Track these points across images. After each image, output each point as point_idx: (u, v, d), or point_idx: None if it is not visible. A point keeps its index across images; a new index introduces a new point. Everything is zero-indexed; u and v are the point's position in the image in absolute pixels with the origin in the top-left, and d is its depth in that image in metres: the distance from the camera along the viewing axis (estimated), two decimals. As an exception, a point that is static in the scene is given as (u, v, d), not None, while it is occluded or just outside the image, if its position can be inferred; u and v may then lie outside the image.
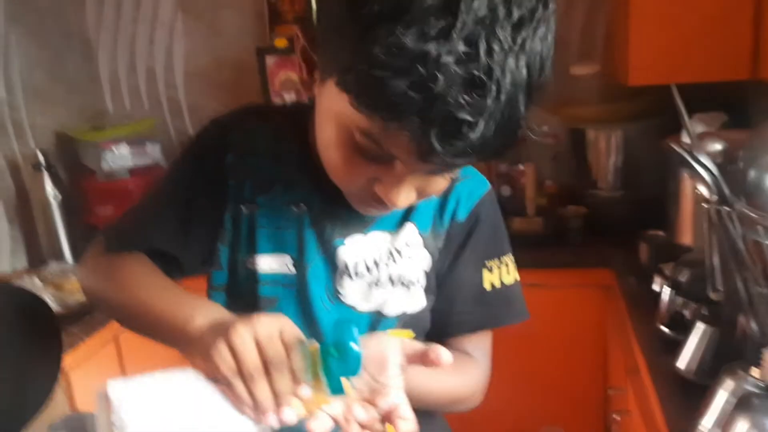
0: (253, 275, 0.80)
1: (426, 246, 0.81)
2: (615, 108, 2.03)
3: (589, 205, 2.05)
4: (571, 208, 2.05)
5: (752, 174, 0.97)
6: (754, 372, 0.94)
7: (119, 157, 2.19)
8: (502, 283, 0.85)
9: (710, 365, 1.11)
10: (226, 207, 0.80)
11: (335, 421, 0.64)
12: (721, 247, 1.03)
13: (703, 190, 1.03)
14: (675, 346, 1.20)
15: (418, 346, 0.66)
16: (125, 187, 2.23)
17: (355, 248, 0.79)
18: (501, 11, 0.54)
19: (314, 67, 0.68)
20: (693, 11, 1.66)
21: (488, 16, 0.54)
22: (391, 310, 0.80)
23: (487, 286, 0.84)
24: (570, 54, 2.23)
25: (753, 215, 0.95)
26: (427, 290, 0.82)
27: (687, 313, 1.29)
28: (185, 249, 0.81)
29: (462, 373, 0.84)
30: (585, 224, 2.01)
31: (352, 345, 0.60)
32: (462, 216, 0.82)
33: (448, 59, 0.53)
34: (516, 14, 0.55)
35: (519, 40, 0.55)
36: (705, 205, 1.03)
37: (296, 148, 0.79)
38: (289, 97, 2.23)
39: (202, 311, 0.68)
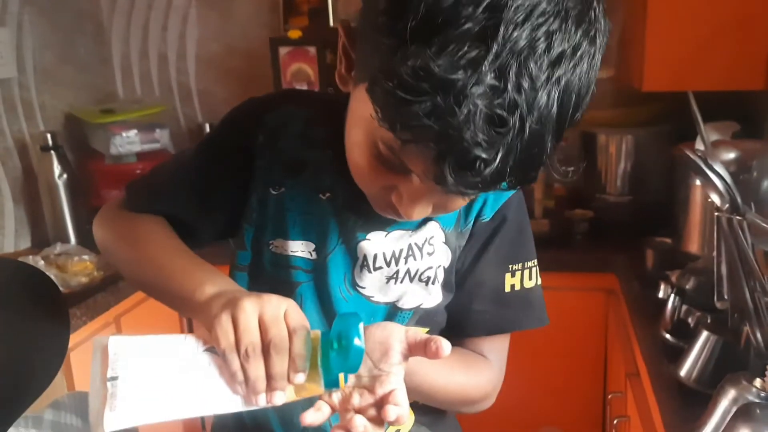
0: (277, 258, 0.79)
1: (447, 242, 0.80)
2: (627, 113, 2.03)
3: (597, 209, 2.04)
4: (578, 211, 2.05)
5: (765, 184, 0.97)
6: (758, 383, 0.94)
7: (128, 141, 2.19)
8: (522, 286, 0.83)
9: (712, 374, 1.11)
10: (251, 186, 0.80)
11: (332, 407, 0.64)
12: (730, 256, 1.03)
13: (715, 198, 1.03)
14: (677, 354, 1.20)
15: (421, 335, 0.65)
16: (132, 171, 2.23)
17: (376, 243, 0.79)
18: (541, 45, 0.52)
19: (353, 66, 0.67)
20: (710, 20, 1.66)
21: (525, 49, 0.52)
22: (408, 303, 0.80)
23: (507, 288, 0.83)
24: (583, 57, 2.22)
25: (764, 225, 0.94)
26: (444, 287, 0.81)
27: (691, 320, 1.28)
28: (200, 218, 0.81)
29: (474, 373, 0.83)
30: (591, 228, 2.01)
31: (356, 341, 0.60)
32: (488, 215, 0.81)
33: (475, 91, 0.51)
34: (557, 49, 0.53)
35: (554, 77, 0.53)
36: (716, 214, 1.03)
37: (328, 137, 0.77)
38: (301, 88, 2.23)
39: (213, 280, 0.68)
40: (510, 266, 0.83)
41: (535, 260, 0.85)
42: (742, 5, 1.63)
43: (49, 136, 2.04)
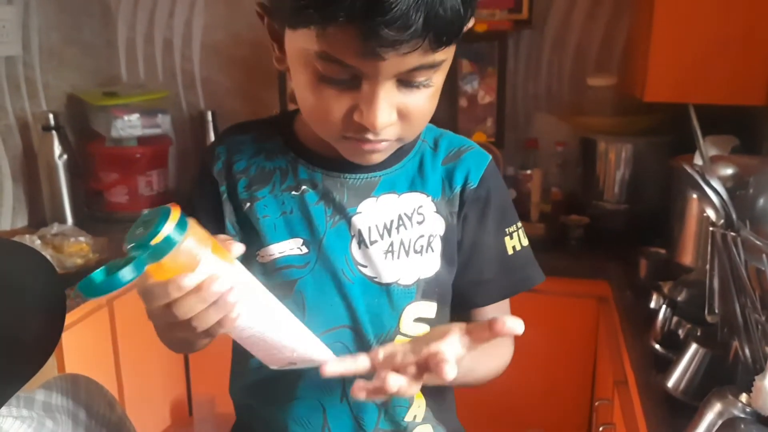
0: (265, 267, 0.81)
1: (438, 211, 0.83)
2: (627, 121, 2.04)
3: (592, 216, 2.05)
4: (574, 216, 2.06)
5: (761, 201, 0.98)
6: (743, 398, 0.95)
7: (129, 124, 2.19)
8: (521, 246, 0.88)
9: (699, 386, 1.12)
10: (224, 213, 0.83)
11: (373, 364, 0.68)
12: (723, 270, 1.04)
13: (711, 213, 1.04)
14: (665, 364, 1.21)
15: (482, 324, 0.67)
16: (132, 154, 2.24)
17: (368, 214, 0.80)
18: None
19: (282, 43, 0.72)
20: (714, 34, 1.66)
21: None
22: (407, 279, 0.81)
23: (510, 251, 0.87)
24: (587, 64, 2.23)
25: (758, 242, 0.95)
26: (444, 256, 0.83)
27: (681, 332, 1.30)
28: None
29: (501, 347, 0.88)
30: (586, 234, 2.02)
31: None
32: (474, 182, 0.84)
33: None
34: None
35: None
36: (711, 229, 1.04)
37: (283, 139, 0.84)
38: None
39: None
40: (506, 230, 0.87)
41: (520, 221, 0.90)
42: (746, 21, 1.64)
43: (51, 116, 2.04)
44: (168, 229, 0.56)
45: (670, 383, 1.16)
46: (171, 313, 0.60)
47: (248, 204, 0.82)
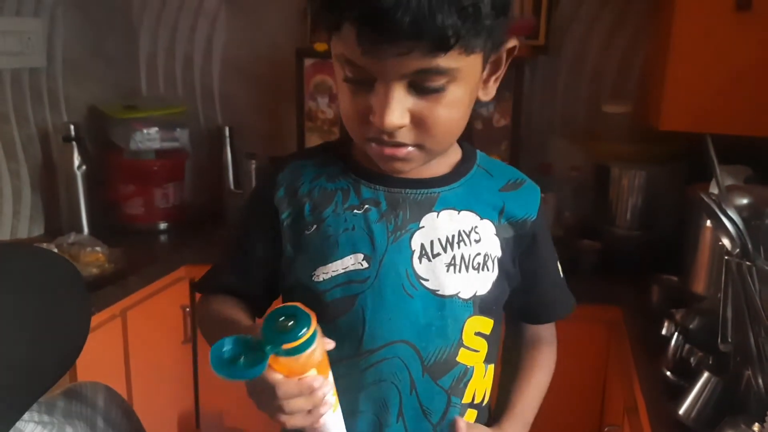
0: (322, 284, 0.83)
1: (497, 234, 0.86)
2: (642, 149, 2.05)
3: (605, 241, 2.06)
4: (587, 242, 2.06)
5: (776, 232, 0.98)
6: (756, 427, 0.95)
7: (148, 137, 2.22)
8: (562, 268, 0.99)
9: (711, 415, 1.12)
10: (283, 238, 0.87)
11: None
12: (737, 300, 1.05)
13: (726, 242, 1.04)
14: (677, 392, 1.21)
15: None
16: (150, 167, 2.26)
17: (430, 228, 0.83)
18: None
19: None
20: (730, 65, 1.68)
21: None
22: (466, 293, 0.83)
23: (561, 274, 0.97)
24: (603, 91, 2.25)
25: (773, 273, 0.96)
26: (500, 277, 0.87)
27: (693, 360, 1.29)
28: (249, 288, 0.92)
29: (547, 367, 1.01)
30: (598, 260, 2.02)
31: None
32: (533, 213, 0.89)
33: None
34: None
35: None
36: (726, 257, 1.04)
37: (343, 162, 0.87)
38: (322, 100, 2.26)
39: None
40: (555, 254, 0.97)
41: None
42: (762, 52, 1.65)
43: (72, 127, 2.07)
44: (305, 334, 0.66)
45: (682, 411, 1.16)
46: (276, 404, 0.68)
47: (314, 226, 0.84)
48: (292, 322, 0.66)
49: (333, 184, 0.85)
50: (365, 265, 0.81)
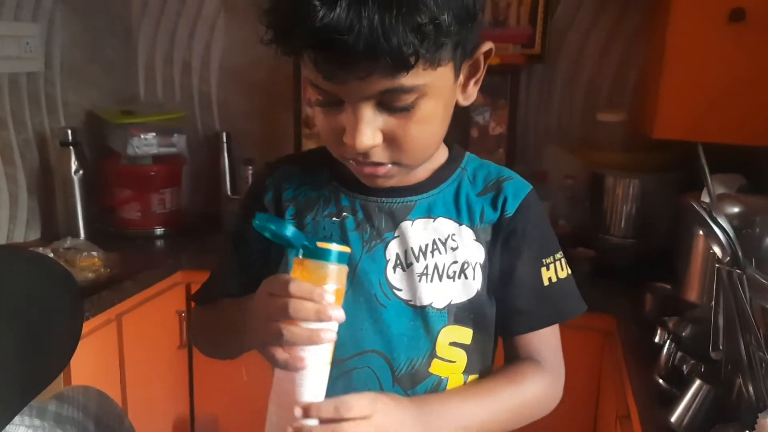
0: None
1: (478, 239, 0.84)
2: (636, 157, 2.05)
3: (599, 250, 2.06)
4: (580, 249, 2.07)
5: (767, 241, 0.99)
6: (746, 435, 0.96)
7: (145, 143, 2.22)
8: (558, 277, 0.88)
9: (702, 423, 1.12)
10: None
11: None
12: (728, 308, 1.05)
13: (717, 250, 1.05)
14: (669, 399, 1.21)
15: None
16: (147, 173, 2.27)
17: (405, 238, 0.83)
18: None
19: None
20: (724, 75, 1.69)
21: None
22: (439, 302, 0.82)
23: (545, 282, 0.87)
24: (598, 100, 2.26)
25: (763, 281, 0.97)
26: (484, 284, 0.84)
27: (685, 368, 1.30)
28: (247, 287, 0.90)
29: (522, 388, 0.86)
30: (592, 268, 2.03)
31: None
32: (510, 211, 0.85)
33: None
34: None
35: None
36: (717, 266, 1.05)
37: (328, 169, 0.87)
38: (319, 107, 2.26)
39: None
40: (543, 260, 0.87)
41: (561, 252, 0.90)
42: (756, 62, 1.66)
43: (69, 132, 2.08)
44: (338, 249, 0.69)
45: (673, 418, 1.16)
46: (282, 309, 0.67)
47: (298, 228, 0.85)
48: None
49: (316, 192, 0.87)
50: None
